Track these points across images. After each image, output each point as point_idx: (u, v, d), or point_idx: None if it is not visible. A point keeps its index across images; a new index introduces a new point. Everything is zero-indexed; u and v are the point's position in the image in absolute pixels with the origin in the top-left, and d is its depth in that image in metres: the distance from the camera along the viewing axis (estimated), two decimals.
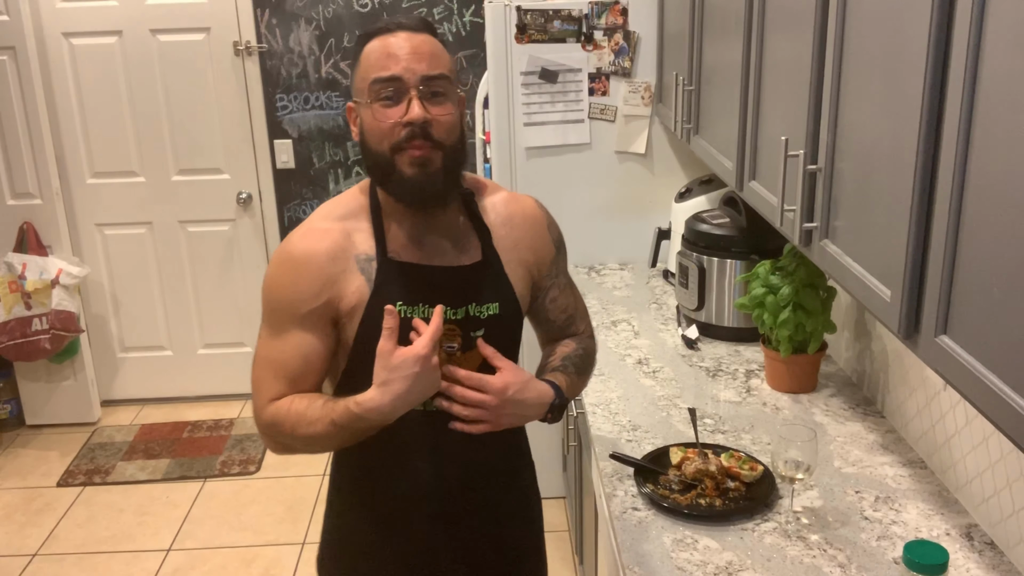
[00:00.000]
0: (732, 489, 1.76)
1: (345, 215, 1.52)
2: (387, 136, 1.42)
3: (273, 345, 1.50)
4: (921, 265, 1.18)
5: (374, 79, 1.41)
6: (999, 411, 1.00)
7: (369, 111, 1.43)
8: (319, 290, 1.47)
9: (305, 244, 1.49)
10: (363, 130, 1.47)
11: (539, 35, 2.98)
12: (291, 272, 1.48)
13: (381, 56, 1.42)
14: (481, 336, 1.53)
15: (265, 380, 1.51)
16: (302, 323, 1.48)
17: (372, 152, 1.45)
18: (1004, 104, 0.97)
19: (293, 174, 4.17)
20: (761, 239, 2.40)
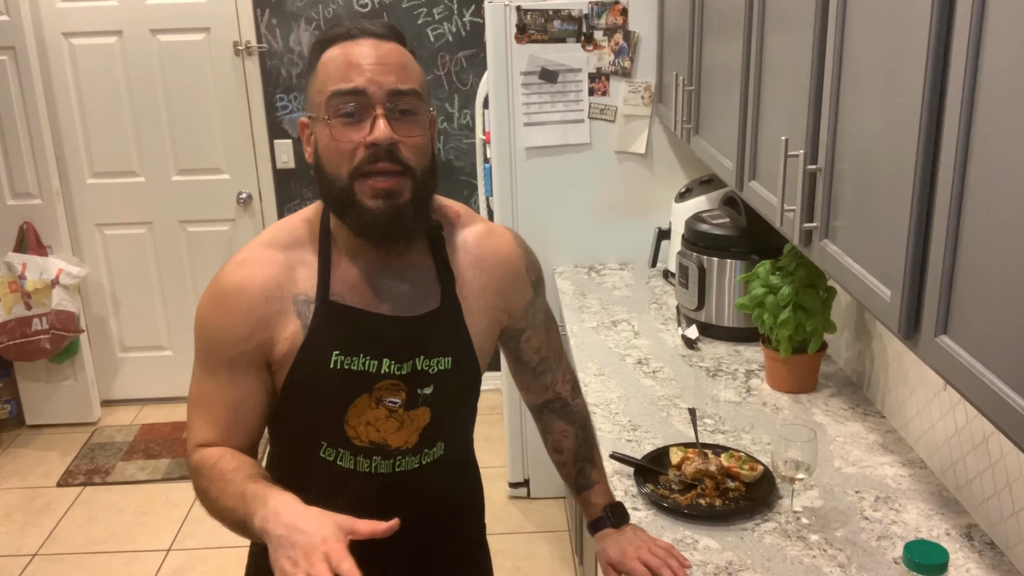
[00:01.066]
0: (732, 489, 1.76)
1: (290, 243, 1.34)
2: (346, 159, 1.23)
3: (204, 384, 1.34)
4: (921, 265, 1.18)
5: (333, 91, 1.23)
6: (999, 411, 1.00)
7: (326, 129, 1.24)
8: (250, 332, 1.30)
9: (238, 277, 1.31)
10: (317, 150, 1.27)
11: (539, 35, 2.98)
12: (220, 308, 1.31)
13: (342, 65, 1.23)
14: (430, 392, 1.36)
15: (195, 421, 1.35)
16: (231, 366, 1.31)
17: (327, 177, 1.26)
18: (1004, 104, 0.97)
19: (293, 174, 4.16)
20: (761, 239, 2.40)
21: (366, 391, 1.34)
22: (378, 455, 1.37)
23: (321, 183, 1.29)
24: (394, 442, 1.37)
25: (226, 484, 1.24)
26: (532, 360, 1.57)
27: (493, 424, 3.71)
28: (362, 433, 1.35)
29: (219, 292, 1.32)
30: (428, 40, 3.98)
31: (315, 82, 1.27)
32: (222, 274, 1.33)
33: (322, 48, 1.28)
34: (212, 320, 1.32)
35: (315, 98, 1.26)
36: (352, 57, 1.23)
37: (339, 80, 1.23)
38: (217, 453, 1.30)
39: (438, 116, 4.09)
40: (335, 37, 1.27)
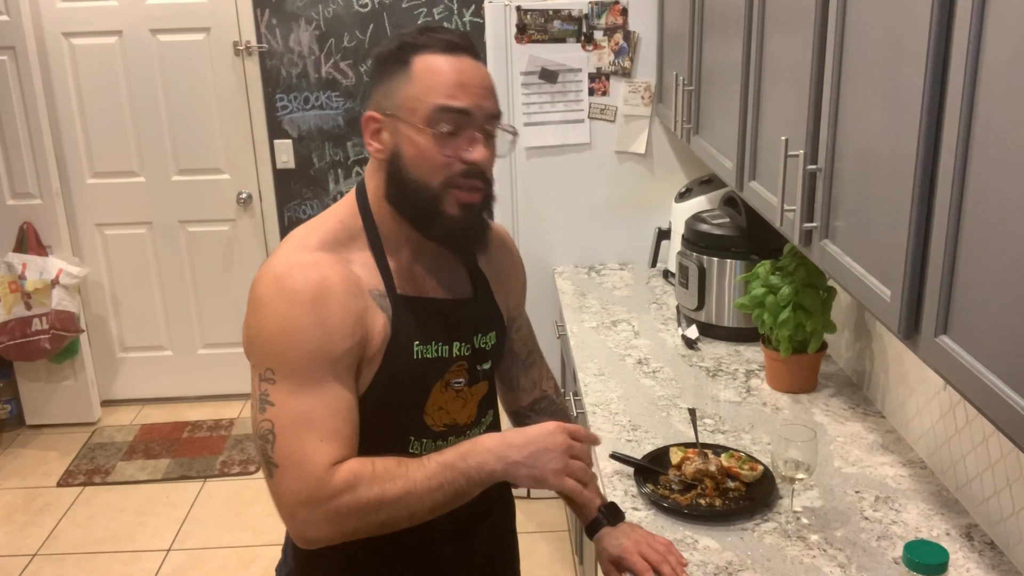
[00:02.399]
0: (732, 489, 1.76)
1: (334, 244, 1.32)
2: (440, 170, 1.27)
3: (304, 402, 1.23)
4: (921, 265, 1.18)
5: (441, 106, 1.25)
6: (999, 411, 1.00)
7: (420, 137, 1.26)
8: (352, 328, 1.27)
9: (317, 277, 1.25)
10: (405, 154, 1.28)
11: (539, 35, 2.98)
12: (310, 310, 1.24)
13: (451, 83, 1.26)
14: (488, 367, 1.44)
15: (308, 447, 1.21)
16: (335, 370, 1.25)
17: (414, 182, 1.28)
18: (1004, 104, 0.97)
19: (293, 174, 4.17)
20: (761, 239, 2.40)
21: (440, 377, 1.39)
22: (452, 435, 1.42)
23: (401, 185, 1.30)
24: (461, 419, 1.43)
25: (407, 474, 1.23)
26: (521, 352, 1.63)
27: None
28: (437, 419, 1.39)
29: (303, 295, 1.24)
30: None
31: (411, 87, 1.27)
32: (289, 280, 1.25)
33: (415, 51, 1.28)
34: (307, 324, 1.24)
35: (409, 103, 1.27)
36: (462, 76, 1.27)
37: (447, 96, 1.26)
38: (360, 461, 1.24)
39: None
40: (433, 44, 1.28)
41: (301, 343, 1.24)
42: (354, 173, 4.16)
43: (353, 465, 1.23)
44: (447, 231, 1.32)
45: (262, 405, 1.25)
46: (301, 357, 1.24)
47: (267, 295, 1.26)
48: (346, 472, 1.22)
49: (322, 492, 1.21)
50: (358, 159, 4.15)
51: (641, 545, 1.51)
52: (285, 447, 1.22)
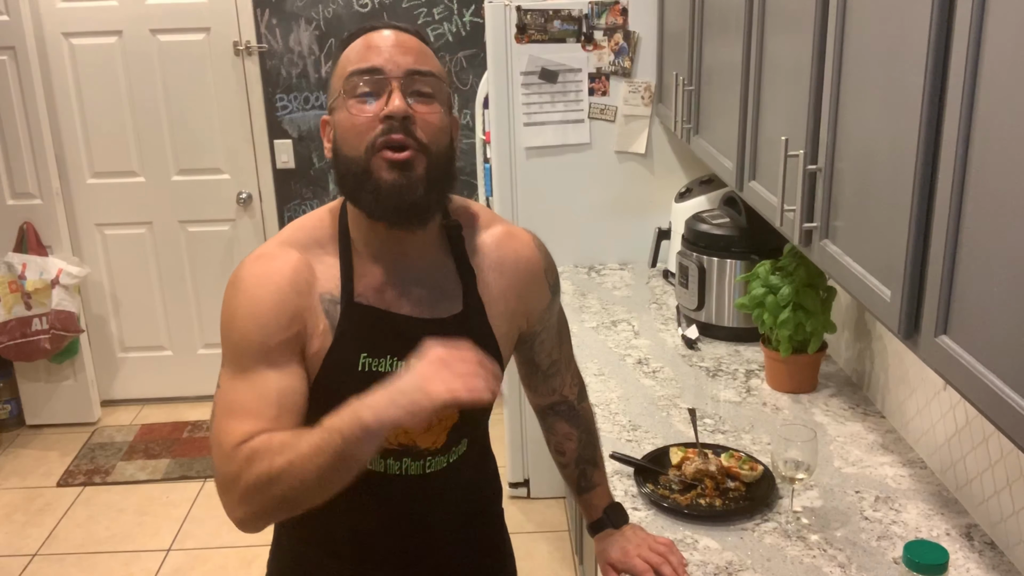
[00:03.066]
0: (732, 489, 1.76)
1: (307, 243, 1.31)
2: (363, 134, 1.22)
3: (238, 388, 1.26)
4: (921, 265, 1.18)
5: (352, 71, 1.23)
6: (999, 411, 1.00)
7: (344, 111, 1.24)
8: (288, 321, 1.26)
9: (262, 269, 1.28)
10: (336, 137, 1.26)
11: (539, 35, 2.98)
12: (251, 300, 1.27)
13: (361, 49, 1.25)
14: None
15: (231, 425, 1.22)
16: (269, 358, 1.25)
17: (345, 159, 1.25)
18: (1004, 104, 0.97)
19: (293, 174, 4.17)
20: (761, 239, 2.40)
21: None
22: (407, 456, 1.36)
23: (338, 168, 1.27)
24: (423, 443, 1.35)
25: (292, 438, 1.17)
26: (543, 363, 1.55)
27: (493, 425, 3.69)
28: (390, 436, 1.26)
29: (246, 285, 1.28)
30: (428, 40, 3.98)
31: (336, 72, 1.28)
32: (243, 269, 1.30)
33: (345, 44, 1.29)
34: (243, 314, 1.27)
35: (335, 85, 1.27)
36: (371, 40, 1.25)
37: (357, 61, 1.24)
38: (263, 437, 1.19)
39: None
40: (357, 32, 1.29)
41: (238, 331, 1.28)
42: None
43: (254, 441, 1.19)
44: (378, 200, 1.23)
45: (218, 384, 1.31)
46: (238, 344, 1.28)
47: (231, 284, 1.32)
48: (247, 448, 1.19)
49: (230, 470, 1.21)
50: None
51: (642, 548, 1.52)
52: (215, 428, 1.25)
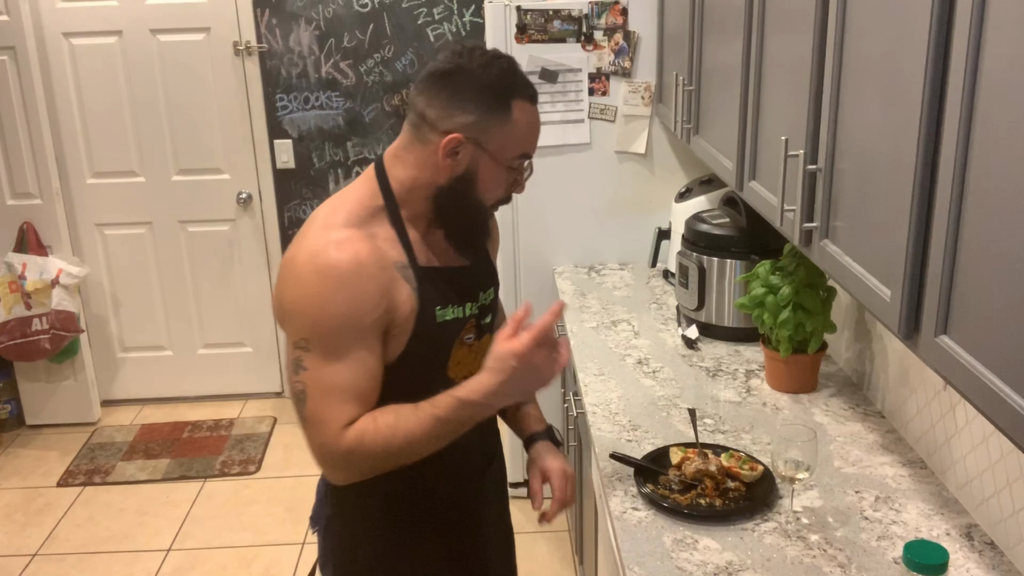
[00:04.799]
0: (732, 489, 1.76)
1: (365, 219, 1.46)
2: (496, 195, 1.51)
3: (332, 370, 1.40)
4: (921, 265, 1.18)
5: (523, 154, 1.50)
6: (999, 411, 1.00)
7: (501, 171, 1.48)
8: (378, 299, 1.41)
9: (348, 253, 1.39)
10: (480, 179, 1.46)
11: (539, 35, 2.98)
12: (344, 285, 1.38)
13: (532, 133, 1.49)
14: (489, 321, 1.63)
15: (331, 409, 1.40)
16: (363, 338, 1.41)
17: (476, 203, 1.49)
18: (1004, 104, 0.97)
19: (293, 174, 4.17)
20: (761, 239, 2.40)
21: (457, 336, 1.55)
22: None
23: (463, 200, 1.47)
24: (475, 370, 1.50)
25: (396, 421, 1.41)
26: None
27: None
28: (457, 373, 1.54)
29: (336, 271, 1.38)
30: (428, 40, 3.98)
31: (509, 132, 1.45)
32: (324, 257, 1.39)
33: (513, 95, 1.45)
34: (339, 299, 1.38)
35: (501, 143, 1.45)
36: (536, 130, 1.50)
37: (528, 146, 1.50)
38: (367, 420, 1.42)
39: None
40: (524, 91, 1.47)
41: (334, 316, 1.39)
42: (354, 173, 4.16)
43: (360, 423, 1.41)
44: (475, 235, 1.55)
45: (296, 368, 1.42)
46: (333, 329, 1.39)
47: (303, 272, 1.40)
48: (354, 431, 1.41)
49: (337, 448, 1.41)
50: (358, 159, 4.15)
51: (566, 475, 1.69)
52: (313, 407, 1.41)
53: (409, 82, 4.04)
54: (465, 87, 1.43)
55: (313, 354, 1.40)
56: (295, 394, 1.44)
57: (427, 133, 1.45)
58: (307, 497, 3.58)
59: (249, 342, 4.41)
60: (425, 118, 1.45)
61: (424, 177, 1.47)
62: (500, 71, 1.44)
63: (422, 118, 1.46)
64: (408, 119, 1.50)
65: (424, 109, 1.45)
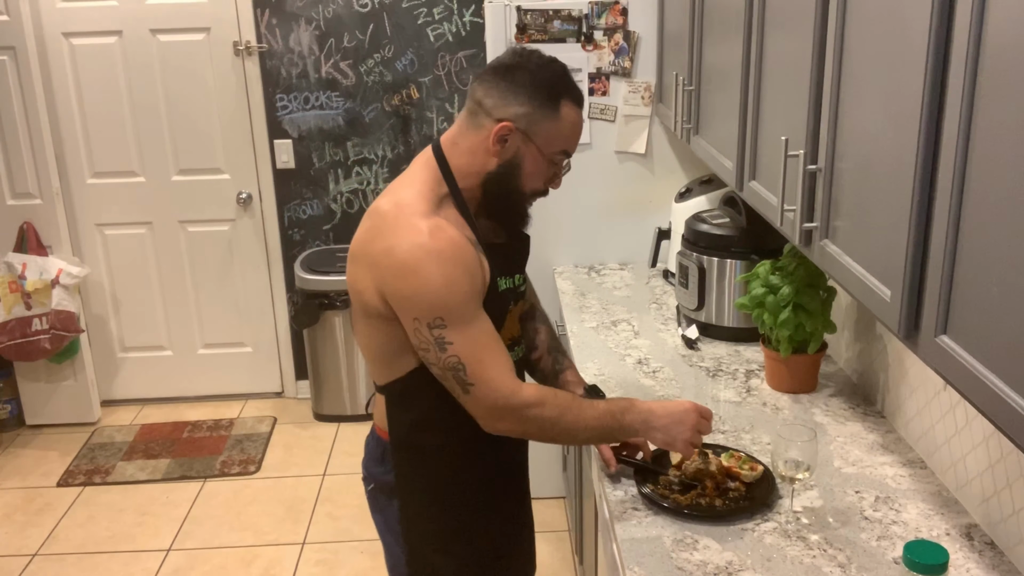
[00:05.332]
0: (732, 489, 1.76)
1: (435, 209, 1.60)
2: (536, 185, 1.66)
3: (473, 335, 1.57)
4: (921, 265, 1.18)
5: (565, 150, 1.65)
6: (999, 411, 1.00)
7: (543, 163, 1.63)
8: (480, 270, 1.61)
9: (448, 237, 1.56)
10: (524, 168, 1.62)
11: (539, 35, 2.98)
12: (455, 264, 1.55)
13: (574, 133, 1.64)
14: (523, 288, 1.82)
15: (491, 367, 1.58)
16: (480, 305, 1.60)
17: (518, 190, 1.64)
18: (1004, 104, 0.97)
19: (293, 174, 4.17)
20: (761, 239, 2.40)
21: (511, 303, 1.74)
22: (516, 346, 1.78)
23: (506, 185, 1.63)
24: (515, 333, 1.78)
25: (580, 408, 1.66)
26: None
27: None
28: (505, 336, 1.69)
29: (446, 254, 1.54)
30: (428, 40, 3.98)
31: (554, 127, 1.61)
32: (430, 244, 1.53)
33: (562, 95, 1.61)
34: (457, 275, 1.55)
35: (547, 137, 1.61)
36: (579, 131, 1.66)
37: (570, 144, 1.65)
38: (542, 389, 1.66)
39: (438, 116, 4.10)
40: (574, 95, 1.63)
41: (459, 291, 1.56)
42: (354, 173, 4.16)
43: (537, 389, 1.64)
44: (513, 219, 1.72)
45: (441, 346, 1.57)
46: (462, 302, 1.56)
47: (416, 259, 1.54)
48: (533, 391, 1.62)
49: (515, 400, 1.60)
50: (358, 159, 4.15)
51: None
52: (475, 370, 1.58)
53: (409, 82, 4.04)
54: (522, 82, 1.59)
55: (451, 328, 1.55)
56: (450, 368, 1.58)
57: (482, 119, 1.61)
58: (307, 497, 3.60)
59: (249, 342, 4.41)
60: (482, 106, 1.61)
61: (477, 163, 1.62)
62: (554, 72, 1.61)
63: (479, 106, 1.61)
64: (466, 107, 1.65)
65: (482, 98, 1.61)
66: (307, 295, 4.02)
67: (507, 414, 1.61)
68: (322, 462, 3.86)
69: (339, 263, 4.05)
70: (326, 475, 3.76)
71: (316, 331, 4.09)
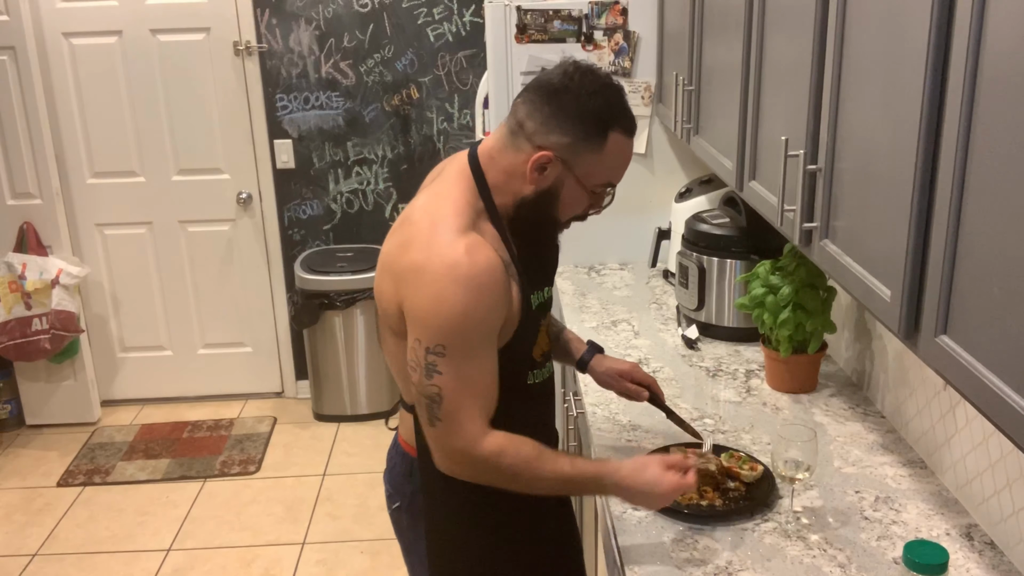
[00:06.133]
0: (732, 489, 1.76)
1: (471, 224, 1.50)
2: (573, 212, 1.59)
3: (467, 373, 1.47)
4: (921, 265, 1.18)
5: (609, 182, 1.56)
6: (999, 411, 1.00)
7: (583, 194, 1.55)
8: (507, 301, 1.50)
9: (481, 262, 1.44)
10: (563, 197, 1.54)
11: (539, 35, 2.98)
12: (480, 295, 1.44)
13: (621, 165, 1.55)
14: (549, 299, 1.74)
15: (465, 410, 1.47)
16: (492, 339, 1.50)
17: (554, 217, 1.57)
18: (1004, 104, 0.97)
19: (293, 174, 4.17)
20: (761, 239, 2.40)
21: (543, 318, 1.68)
22: (546, 361, 1.71)
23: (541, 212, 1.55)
24: (546, 347, 1.69)
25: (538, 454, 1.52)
26: None
27: None
28: (537, 352, 1.65)
29: (475, 283, 1.43)
30: (428, 40, 3.98)
31: (599, 159, 1.51)
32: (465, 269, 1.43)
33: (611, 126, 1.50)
34: (476, 307, 1.44)
35: (590, 169, 1.52)
36: (627, 161, 1.57)
37: (615, 176, 1.56)
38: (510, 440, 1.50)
39: (438, 116, 4.10)
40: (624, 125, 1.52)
41: (475, 324, 1.45)
42: (354, 173, 4.16)
43: (502, 439, 1.49)
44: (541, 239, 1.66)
45: (429, 372, 1.47)
46: (472, 336, 1.46)
47: (442, 282, 1.43)
48: (496, 442, 1.49)
49: (474, 450, 1.48)
50: (358, 159, 4.15)
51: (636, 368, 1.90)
52: (449, 408, 1.47)
53: (409, 82, 4.04)
54: (568, 109, 1.48)
55: (449, 359, 1.45)
56: (428, 396, 1.48)
57: (522, 142, 1.51)
58: (307, 497, 3.60)
59: (249, 342, 4.41)
60: (523, 128, 1.51)
61: (513, 184, 1.54)
62: (605, 102, 1.50)
63: (520, 127, 1.51)
64: (507, 123, 1.55)
65: (524, 119, 1.51)
66: (307, 295, 4.02)
67: (463, 460, 1.51)
68: (322, 462, 3.86)
69: (339, 263, 4.05)
70: (326, 475, 3.76)
71: (316, 331, 4.09)
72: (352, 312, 4.03)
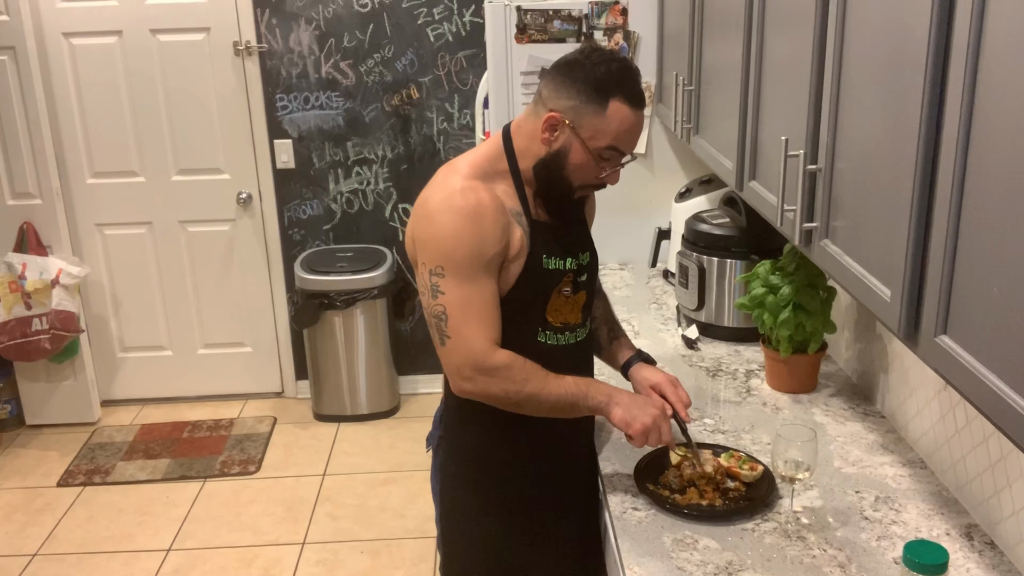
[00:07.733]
0: (732, 489, 1.76)
1: (482, 175, 1.70)
2: (585, 177, 1.71)
3: (466, 292, 1.64)
4: (921, 265, 1.18)
5: (613, 146, 1.68)
6: (999, 411, 1.00)
7: (589, 157, 1.68)
8: (499, 236, 1.66)
9: (474, 197, 1.65)
10: (569, 159, 1.68)
11: (539, 35, 2.98)
12: (471, 222, 1.63)
13: (623, 131, 1.67)
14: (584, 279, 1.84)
15: (470, 325, 1.64)
16: (487, 269, 1.65)
17: (564, 179, 1.71)
18: (1004, 104, 0.97)
19: (293, 174, 4.17)
20: (761, 239, 2.40)
21: (556, 285, 1.78)
22: (568, 331, 1.83)
23: (553, 174, 1.70)
24: (572, 319, 1.83)
25: (546, 378, 1.69)
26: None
27: None
28: (555, 318, 1.80)
29: (465, 211, 1.63)
30: (428, 40, 3.98)
31: (601, 122, 1.65)
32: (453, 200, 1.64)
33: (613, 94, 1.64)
34: (468, 232, 1.63)
35: (592, 131, 1.66)
36: (634, 129, 1.69)
37: (619, 141, 1.68)
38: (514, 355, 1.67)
39: (438, 116, 4.10)
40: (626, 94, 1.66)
41: (464, 247, 1.63)
42: (354, 173, 4.16)
43: (510, 354, 1.67)
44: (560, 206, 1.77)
45: (434, 293, 1.66)
46: (465, 258, 1.63)
47: (438, 210, 1.65)
48: (504, 355, 1.66)
49: (484, 362, 1.65)
50: (358, 159, 4.15)
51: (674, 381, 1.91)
52: (454, 324, 1.65)
53: (409, 82, 4.04)
54: (576, 76, 1.66)
55: (448, 279, 1.64)
56: (435, 316, 1.66)
57: (540, 109, 1.70)
58: (307, 497, 3.60)
59: (249, 342, 4.41)
60: (541, 96, 1.70)
61: (533, 147, 1.72)
62: (608, 71, 1.65)
63: (539, 95, 1.71)
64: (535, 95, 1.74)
65: (542, 88, 1.70)
66: (307, 295, 4.02)
67: (474, 374, 1.66)
68: (322, 462, 3.86)
69: (339, 263, 4.05)
70: (326, 475, 3.76)
71: (316, 331, 4.09)
72: (352, 312, 4.03)
